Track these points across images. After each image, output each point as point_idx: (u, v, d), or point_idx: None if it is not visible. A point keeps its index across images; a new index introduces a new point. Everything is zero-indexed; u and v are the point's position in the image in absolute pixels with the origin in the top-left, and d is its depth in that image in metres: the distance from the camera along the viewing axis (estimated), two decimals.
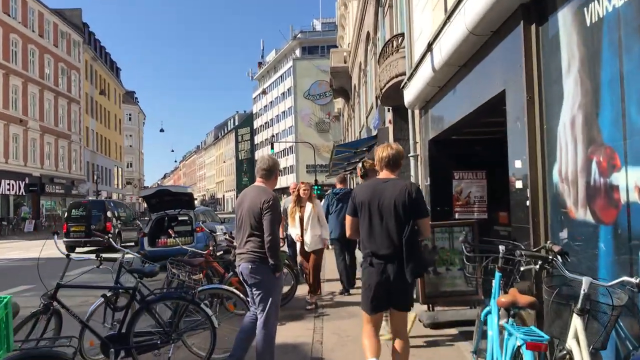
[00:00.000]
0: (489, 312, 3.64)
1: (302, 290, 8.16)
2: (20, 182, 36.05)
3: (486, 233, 6.58)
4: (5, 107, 34.68)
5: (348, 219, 3.84)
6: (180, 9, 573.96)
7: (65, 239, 17.32)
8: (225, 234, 10.81)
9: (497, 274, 3.60)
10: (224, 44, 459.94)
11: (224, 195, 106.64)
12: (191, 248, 8.88)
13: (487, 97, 4.46)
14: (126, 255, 4.97)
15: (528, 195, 3.87)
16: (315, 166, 47.90)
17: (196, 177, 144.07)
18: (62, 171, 43.08)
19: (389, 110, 10.74)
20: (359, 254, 5.43)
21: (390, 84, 8.62)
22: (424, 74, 6.11)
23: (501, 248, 3.60)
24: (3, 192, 34.23)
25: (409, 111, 7.87)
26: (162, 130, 62.74)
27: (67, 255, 4.49)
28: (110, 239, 5.57)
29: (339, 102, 33.27)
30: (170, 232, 9.97)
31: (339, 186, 8.19)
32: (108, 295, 4.74)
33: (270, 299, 4.26)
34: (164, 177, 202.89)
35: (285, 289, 7.83)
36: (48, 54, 41.20)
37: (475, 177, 7.13)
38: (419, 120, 7.71)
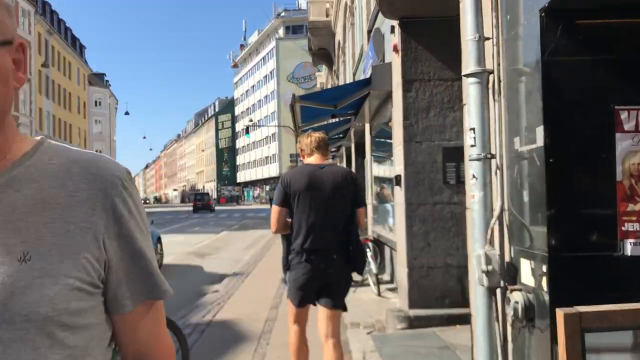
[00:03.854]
0: None
1: None
2: None
3: None
4: None
5: (276, 209, 3.45)
6: None
7: None
8: None
9: None
10: (205, 27, 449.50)
11: (204, 186, 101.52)
12: None
13: None
14: None
15: None
16: (298, 155, 43.43)
17: (177, 167, 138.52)
18: None
19: (392, 32, 5.86)
20: None
21: None
22: None
23: None
24: None
25: None
26: (127, 113, 57.19)
27: None
28: None
29: (321, 76, 28.24)
30: None
31: None
32: None
33: None
34: (146, 167, 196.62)
35: None
36: None
37: None
38: None
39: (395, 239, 6.53)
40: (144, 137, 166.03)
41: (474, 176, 2.61)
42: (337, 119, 8.76)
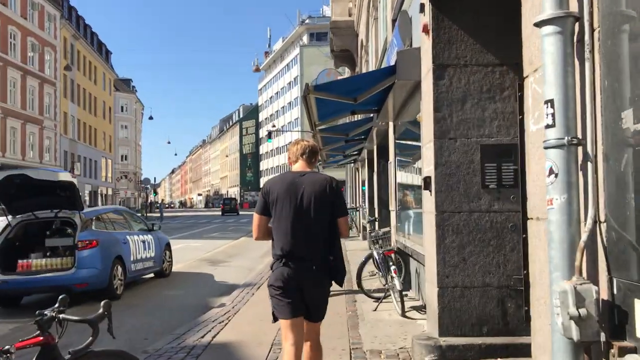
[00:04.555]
0: None
1: None
2: None
3: None
4: None
5: (256, 217, 3.45)
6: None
7: None
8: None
9: None
10: (230, 35, 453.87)
11: (227, 191, 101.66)
12: None
13: None
14: None
15: None
16: (321, 162, 42.70)
17: (202, 172, 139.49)
18: (30, 160, 37.87)
19: (422, 10, 5.02)
20: None
21: None
22: None
23: None
24: None
25: None
26: (151, 118, 57.10)
27: None
28: None
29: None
30: None
31: None
32: None
33: None
34: (172, 172, 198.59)
35: None
36: (13, 26, 35.91)
37: None
38: None
39: (423, 251, 5.65)
40: (169, 142, 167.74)
41: (551, 171, 1.75)
42: (357, 116, 7.93)
